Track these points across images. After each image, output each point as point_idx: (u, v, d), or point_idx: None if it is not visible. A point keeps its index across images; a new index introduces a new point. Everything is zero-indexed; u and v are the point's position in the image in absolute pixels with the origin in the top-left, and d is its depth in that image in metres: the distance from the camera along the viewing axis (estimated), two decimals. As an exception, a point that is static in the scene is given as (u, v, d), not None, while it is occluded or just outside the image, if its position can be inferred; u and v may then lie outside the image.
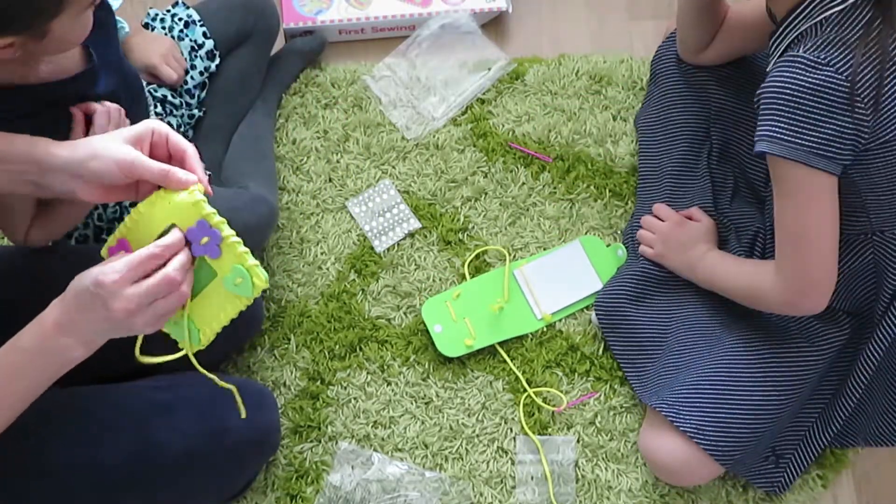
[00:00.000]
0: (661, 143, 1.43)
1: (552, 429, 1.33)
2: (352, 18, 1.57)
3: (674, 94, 1.43)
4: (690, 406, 1.21)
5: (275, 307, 1.40)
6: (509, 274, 1.41)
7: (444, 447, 1.32)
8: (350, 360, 1.37)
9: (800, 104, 1.01)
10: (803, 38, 1.05)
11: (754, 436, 1.21)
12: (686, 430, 1.19)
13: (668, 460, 1.22)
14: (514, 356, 1.37)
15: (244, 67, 1.44)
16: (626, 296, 1.35)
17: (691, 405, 1.21)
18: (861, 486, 1.32)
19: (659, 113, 1.45)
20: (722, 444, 1.19)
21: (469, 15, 1.58)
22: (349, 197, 1.47)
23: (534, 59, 1.58)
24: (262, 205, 1.33)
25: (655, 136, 1.44)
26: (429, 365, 1.37)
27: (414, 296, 1.41)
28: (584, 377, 1.36)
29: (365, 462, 1.30)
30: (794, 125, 1.02)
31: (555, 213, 1.46)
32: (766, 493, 1.28)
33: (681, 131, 1.41)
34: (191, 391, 1.12)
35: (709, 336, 1.28)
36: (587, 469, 1.31)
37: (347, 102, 1.54)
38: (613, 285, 1.37)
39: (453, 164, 1.49)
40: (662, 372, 1.29)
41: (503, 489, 1.30)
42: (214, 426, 1.11)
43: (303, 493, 1.29)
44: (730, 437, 1.19)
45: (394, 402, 1.35)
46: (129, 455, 1.08)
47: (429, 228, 1.45)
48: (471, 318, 1.38)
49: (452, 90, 1.54)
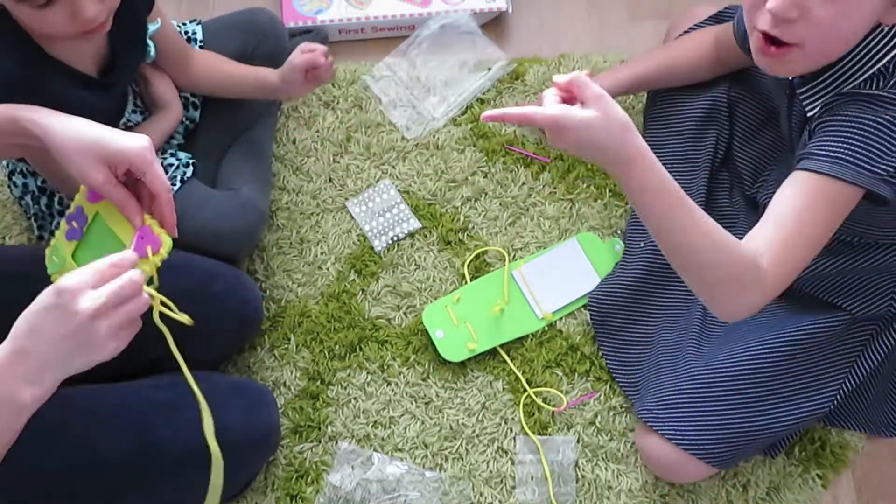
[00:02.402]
0: (667, 137, 1.42)
1: (552, 429, 1.33)
2: (352, 18, 1.57)
3: (684, 92, 1.43)
4: (670, 410, 1.21)
5: (275, 307, 1.40)
6: (508, 275, 1.41)
7: (444, 447, 1.32)
8: (350, 360, 1.37)
9: (879, 136, 0.99)
10: (878, 76, 1.02)
11: (745, 435, 1.20)
12: (666, 434, 1.20)
13: (662, 459, 1.22)
14: (514, 356, 1.37)
15: None
16: (617, 294, 1.35)
17: (671, 409, 1.21)
18: (861, 486, 1.32)
19: (668, 107, 1.44)
20: (707, 445, 1.19)
21: (469, 15, 1.58)
22: (349, 197, 1.47)
23: (534, 59, 1.58)
24: (252, 211, 1.33)
25: (661, 129, 1.43)
26: (429, 365, 1.37)
27: (414, 296, 1.41)
28: (584, 377, 1.36)
29: (365, 462, 1.30)
30: (868, 153, 0.99)
31: (555, 213, 1.46)
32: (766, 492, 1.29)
33: (687, 128, 1.41)
34: (191, 391, 1.12)
35: (691, 337, 1.29)
36: (587, 469, 1.31)
37: (347, 102, 1.54)
38: (605, 284, 1.38)
39: (453, 164, 1.49)
40: (649, 374, 1.30)
41: (503, 489, 1.30)
42: (214, 426, 1.11)
43: (303, 493, 1.29)
44: (714, 438, 1.19)
45: (394, 402, 1.35)
46: (129, 454, 1.08)
47: (429, 228, 1.45)
48: (472, 321, 1.37)
49: (452, 90, 1.54)
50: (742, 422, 1.19)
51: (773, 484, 1.30)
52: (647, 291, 1.35)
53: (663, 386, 1.24)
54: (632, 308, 1.35)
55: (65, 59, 1.11)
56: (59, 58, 1.10)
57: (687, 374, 1.23)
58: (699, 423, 1.19)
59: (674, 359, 1.28)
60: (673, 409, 1.21)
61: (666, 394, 1.23)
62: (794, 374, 1.22)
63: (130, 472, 1.08)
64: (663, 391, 1.23)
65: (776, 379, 1.21)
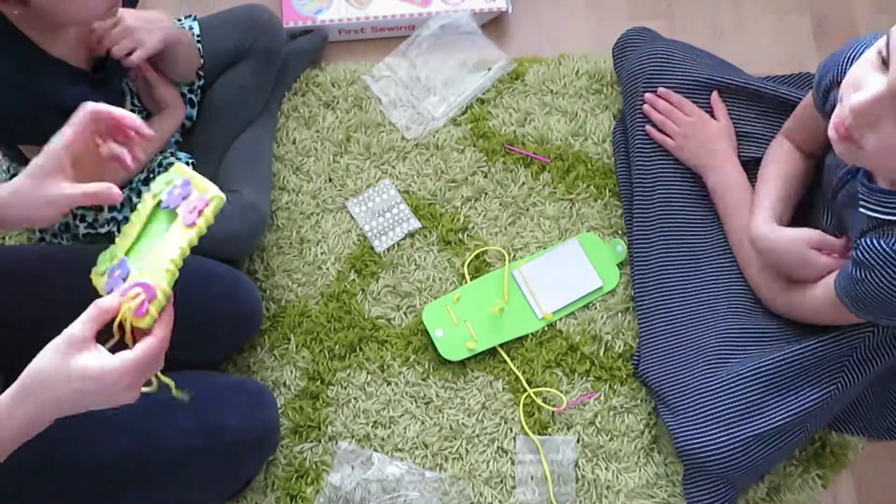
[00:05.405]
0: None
1: (552, 429, 1.33)
2: (351, 18, 1.57)
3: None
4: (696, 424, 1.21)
5: (275, 307, 1.40)
6: (508, 275, 1.41)
7: (444, 447, 1.32)
8: (350, 360, 1.37)
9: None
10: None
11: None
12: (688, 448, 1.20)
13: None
14: (514, 356, 1.37)
15: (243, 85, 1.42)
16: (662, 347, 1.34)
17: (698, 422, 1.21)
18: (861, 486, 1.32)
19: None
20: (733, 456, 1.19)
21: (469, 15, 1.58)
22: (349, 197, 1.47)
23: (534, 59, 1.58)
24: (253, 213, 1.34)
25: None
26: (429, 365, 1.37)
27: (414, 296, 1.41)
28: (584, 377, 1.36)
29: (365, 462, 1.30)
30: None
31: (555, 213, 1.46)
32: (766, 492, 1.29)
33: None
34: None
35: (740, 342, 1.28)
36: (587, 469, 1.31)
37: (347, 102, 1.54)
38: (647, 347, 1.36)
39: (453, 164, 1.49)
40: (676, 351, 1.30)
41: (503, 489, 1.30)
42: (214, 425, 1.11)
43: (303, 493, 1.29)
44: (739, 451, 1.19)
45: (394, 402, 1.35)
46: (129, 453, 1.08)
47: (429, 228, 1.45)
48: (472, 321, 1.38)
49: (452, 90, 1.54)
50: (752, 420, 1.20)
51: (773, 484, 1.30)
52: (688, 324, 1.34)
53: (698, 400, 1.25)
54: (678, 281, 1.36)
55: (61, 57, 1.12)
56: (55, 56, 1.11)
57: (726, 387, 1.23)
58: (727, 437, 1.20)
59: (717, 358, 1.28)
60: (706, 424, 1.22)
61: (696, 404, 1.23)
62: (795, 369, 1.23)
63: (130, 471, 1.08)
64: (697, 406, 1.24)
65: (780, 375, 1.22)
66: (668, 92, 1.39)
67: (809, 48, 1.60)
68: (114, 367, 0.79)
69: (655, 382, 1.29)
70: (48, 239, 1.32)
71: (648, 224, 1.38)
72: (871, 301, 1.06)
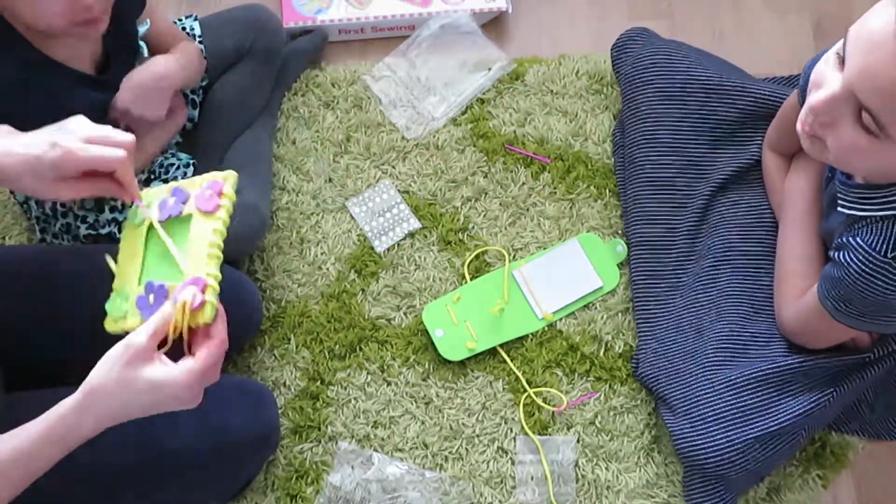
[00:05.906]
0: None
1: (552, 429, 1.33)
2: (351, 18, 1.57)
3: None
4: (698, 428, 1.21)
5: (275, 307, 1.40)
6: (509, 275, 1.41)
7: (444, 447, 1.32)
8: (350, 361, 1.37)
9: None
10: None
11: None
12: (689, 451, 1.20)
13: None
14: (514, 356, 1.37)
15: (243, 84, 1.42)
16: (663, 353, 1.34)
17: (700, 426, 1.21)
18: (861, 486, 1.32)
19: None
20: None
21: (469, 15, 1.58)
22: (349, 197, 1.47)
23: (534, 59, 1.58)
24: (253, 215, 1.34)
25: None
26: (429, 365, 1.37)
27: (414, 296, 1.41)
28: (584, 377, 1.36)
29: (365, 462, 1.30)
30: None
31: (555, 213, 1.46)
32: (766, 492, 1.29)
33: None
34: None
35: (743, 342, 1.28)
36: (587, 469, 1.31)
37: (347, 102, 1.54)
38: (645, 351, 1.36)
39: (453, 164, 1.49)
40: (674, 348, 1.30)
41: (503, 489, 1.30)
42: (214, 425, 1.11)
43: (303, 493, 1.29)
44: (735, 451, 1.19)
45: (394, 403, 1.35)
46: (129, 453, 1.08)
47: (429, 228, 1.45)
48: (472, 320, 1.38)
49: (452, 90, 1.54)
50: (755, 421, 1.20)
51: (773, 484, 1.30)
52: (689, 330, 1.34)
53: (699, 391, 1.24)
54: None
55: (63, 61, 1.12)
56: (57, 59, 1.11)
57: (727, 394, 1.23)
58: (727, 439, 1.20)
59: (718, 359, 1.27)
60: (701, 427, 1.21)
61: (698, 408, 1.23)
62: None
63: (129, 471, 1.08)
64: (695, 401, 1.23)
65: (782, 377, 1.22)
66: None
67: (809, 48, 1.60)
68: (180, 377, 0.82)
69: (655, 385, 1.29)
70: (49, 239, 1.32)
71: (646, 224, 1.38)
72: (850, 300, 1.06)
